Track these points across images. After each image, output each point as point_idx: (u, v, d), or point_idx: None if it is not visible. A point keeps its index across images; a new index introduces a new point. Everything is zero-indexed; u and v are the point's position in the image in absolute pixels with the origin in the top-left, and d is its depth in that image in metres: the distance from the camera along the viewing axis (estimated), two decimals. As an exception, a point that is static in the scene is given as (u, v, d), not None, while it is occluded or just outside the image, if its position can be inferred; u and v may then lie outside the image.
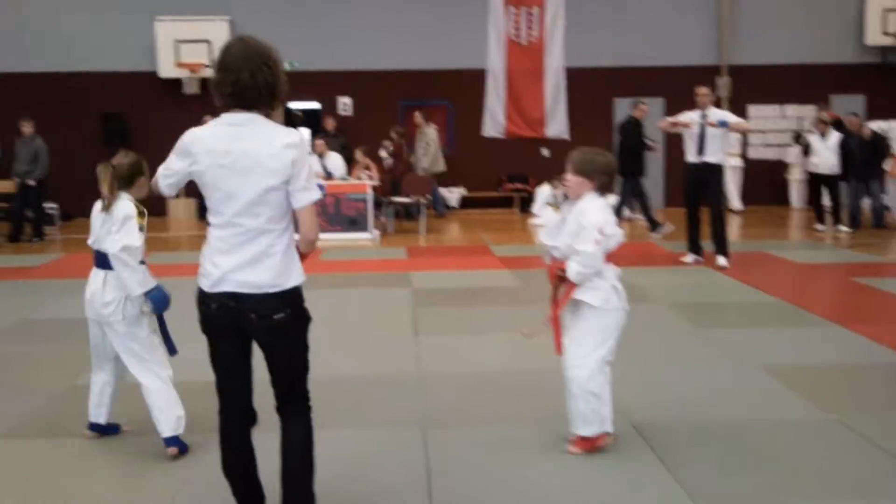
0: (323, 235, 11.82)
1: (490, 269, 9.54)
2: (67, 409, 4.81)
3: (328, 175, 12.86)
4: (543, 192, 14.57)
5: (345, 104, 16.07)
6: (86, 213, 14.49)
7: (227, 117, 3.01)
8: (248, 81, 2.95)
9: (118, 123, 15.38)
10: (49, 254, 11.36)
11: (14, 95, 14.78)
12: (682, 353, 5.97)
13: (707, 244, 9.48)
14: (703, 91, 9.28)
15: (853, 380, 5.34)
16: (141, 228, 4.01)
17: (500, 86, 16.27)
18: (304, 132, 15.70)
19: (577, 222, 4.04)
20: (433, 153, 14.72)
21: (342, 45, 15.79)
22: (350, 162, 13.66)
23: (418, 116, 15.03)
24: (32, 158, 12.17)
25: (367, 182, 12.76)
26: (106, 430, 4.36)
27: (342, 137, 15.20)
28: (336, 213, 12.35)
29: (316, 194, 3.04)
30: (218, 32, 15.38)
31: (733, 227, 13.13)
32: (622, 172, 10.78)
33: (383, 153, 14.34)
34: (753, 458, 4.07)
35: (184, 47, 15.30)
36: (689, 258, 9.54)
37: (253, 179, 2.93)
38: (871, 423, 4.44)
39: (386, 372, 5.52)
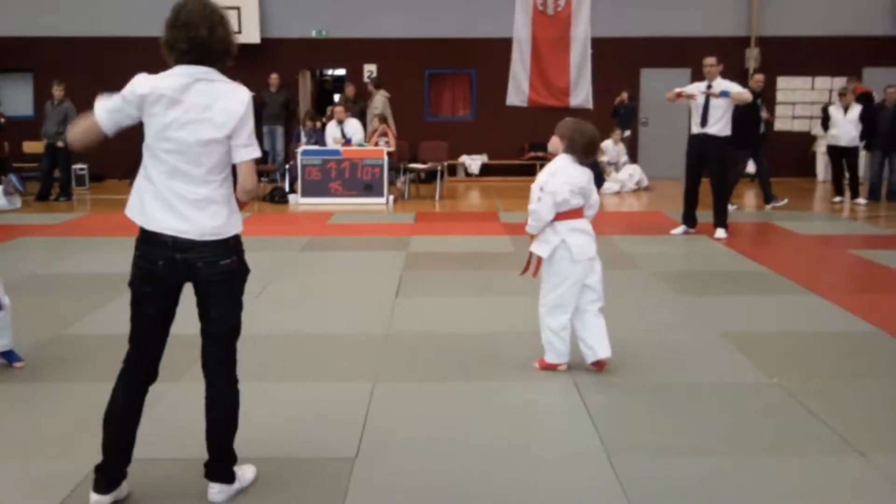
0: (337, 199, 12.31)
1: (491, 235, 9.70)
2: (54, 356, 5.12)
3: (346, 140, 13.08)
4: (562, 161, 14.59)
5: (370, 71, 16.22)
6: (114, 174, 15.02)
7: (180, 69, 3.06)
8: (206, 37, 3.03)
9: (149, 88, 15.75)
10: (73, 213, 11.79)
11: (49, 57, 15.25)
12: (647, 317, 6.09)
13: (707, 215, 9.52)
14: (709, 61, 9.25)
15: (809, 347, 5.43)
16: None
17: (525, 55, 16.28)
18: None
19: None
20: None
21: (369, 13, 15.92)
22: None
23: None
24: (61, 120, 12.56)
25: (383, 148, 12.95)
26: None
27: (362, 103, 15.38)
28: (352, 177, 12.58)
29: (256, 152, 3.16)
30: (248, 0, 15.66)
31: (750, 198, 13.09)
32: (740, 145, 10.41)
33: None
34: (674, 414, 4.22)
35: (213, 14, 15.55)
36: (679, 230, 9.59)
37: (197, 129, 3.03)
38: (808, 388, 4.54)
39: (353, 330, 5.73)
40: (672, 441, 3.90)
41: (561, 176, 4.68)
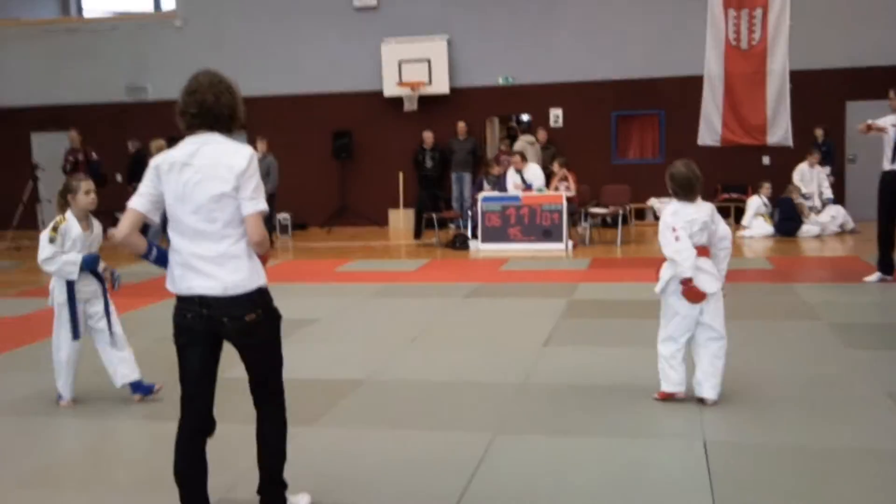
0: (516, 245, 12.37)
1: (662, 282, 9.36)
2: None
3: (527, 186, 13.16)
4: (753, 202, 13.88)
5: (556, 115, 16.28)
6: (317, 222, 15.99)
7: (190, 139, 3.34)
8: (212, 102, 3.31)
9: (346, 139, 16.68)
10: (273, 260, 12.61)
11: (255, 116, 16.52)
12: (808, 370, 5.65)
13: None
14: (893, 94, 8.55)
15: None
16: (51, 241, 5.13)
17: (717, 92, 15.66)
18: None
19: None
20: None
21: (554, 57, 16.03)
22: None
23: (517, 129, 14.98)
24: (265, 174, 13.54)
25: (563, 193, 12.90)
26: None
27: (552, 149, 15.43)
28: (531, 223, 12.62)
29: (261, 206, 3.28)
30: (438, 51, 16.27)
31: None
32: None
33: None
34: (810, 482, 3.87)
35: (405, 67, 16.29)
36: (874, 277, 8.79)
37: (207, 186, 3.24)
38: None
39: (490, 379, 5.71)
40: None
41: (675, 217, 4.90)
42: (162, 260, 3.55)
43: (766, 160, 15.57)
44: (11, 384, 5.94)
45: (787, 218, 13.36)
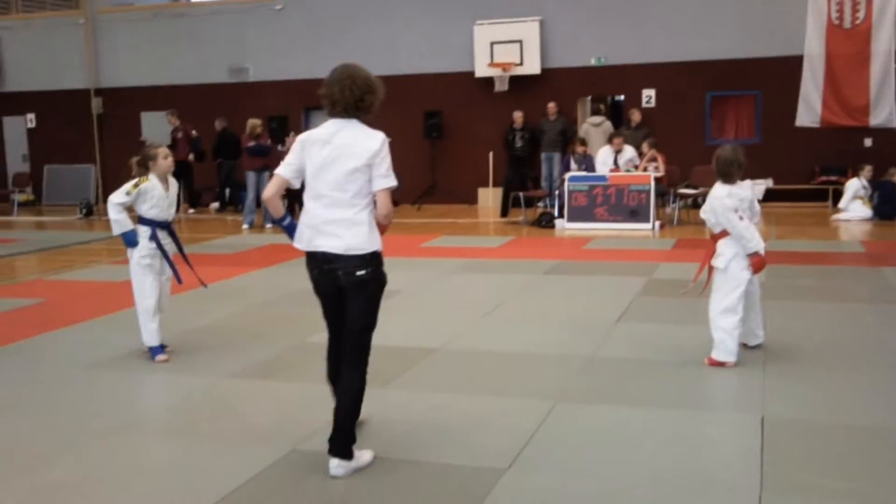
0: (602, 225, 12.41)
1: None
2: (288, 360, 5.84)
3: (617, 167, 13.14)
4: (853, 185, 13.44)
5: (648, 96, 16.11)
6: (408, 199, 16.33)
7: (331, 121, 3.88)
8: (339, 95, 3.81)
9: (437, 119, 16.92)
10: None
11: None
12: (883, 353, 5.59)
13: None
14: None
15: None
16: (127, 193, 5.70)
17: (817, 73, 15.27)
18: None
19: (709, 202, 5.42)
20: None
21: (647, 38, 15.85)
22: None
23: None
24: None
25: (651, 173, 12.83)
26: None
27: (646, 129, 15.30)
28: (618, 203, 12.61)
29: (391, 182, 3.83)
30: (530, 32, 16.31)
31: None
32: None
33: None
34: (858, 458, 3.90)
35: (497, 48, 16.38)
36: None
37: (343, 162, 3.79)
38: None
39: (559, 352, 5.86)
40: (837, 485, 3.63)
41: (731, 199, 5.30)
42: (291, 229, 4.06)
43: (867, 142, 15.09)
44: (114, 343, 6.38)
45: (887, 202, 12.93)
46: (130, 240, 5.78)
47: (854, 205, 13.21)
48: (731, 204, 5.26)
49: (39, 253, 11.68)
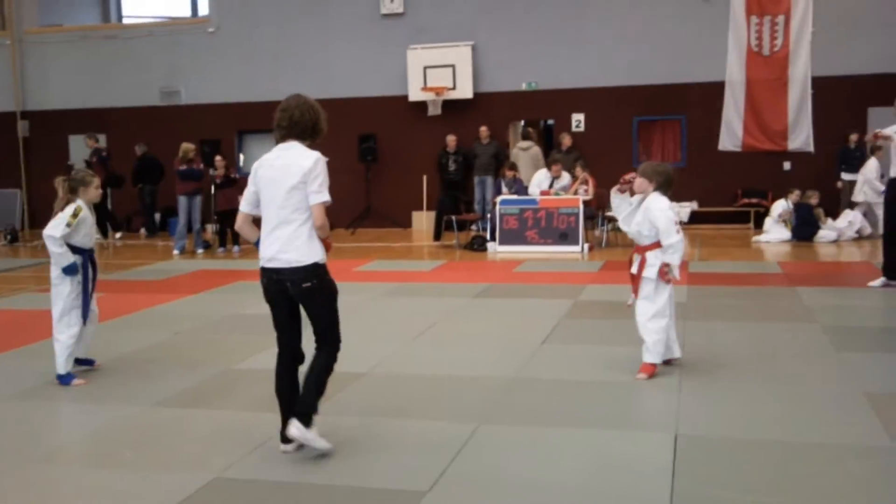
0: (533, 248, 12.61)
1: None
2: (214, 387, 5.83)
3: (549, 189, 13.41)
4: (778, 206, 13.88)
5: (577, 120, 16.47)
6: (342, 223, 16.28)
7: (280, 145, 4.36)
8: (298, 117, 4.31)
9: (371, 143, 17.02)
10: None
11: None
12: (790, 370, 5.84)
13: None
14: (899, 104, 8.67)
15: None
16: (68, 224, 5.77)
17: (738, 98, 15.77)
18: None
19: (644, 215, 5.62)
20: None
21: (576, 63, 16.24)
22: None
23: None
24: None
25: (581, 196, 13.11)
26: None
27: (576, 153, 15.63)
28: (548, 226, 12.84)
29: (324, 197, 4.23)
30: (463, 57, 16.56)
31: None
32: None
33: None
34: (769, 472, 4.08)
35: (430, 72, 16.60)
36: (878, 282, 8.89)
37: (282, 181, 4.23)
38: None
39: (483, 373, 5.96)
40: (746, 498, 3.79)
41: (671, 211, 5.62)
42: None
43: (786, 165, 15.66)
44: (34, 373, 6.29)
45: (804, 223, 13.42)
46: (74, 270, 5.85)
47: (775, 227, 13.66)
48: (673, 216, 5.56)
49: (-39, 280, 11.41)
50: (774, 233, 13.58)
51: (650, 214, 5.57)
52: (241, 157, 17.80)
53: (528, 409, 5.22)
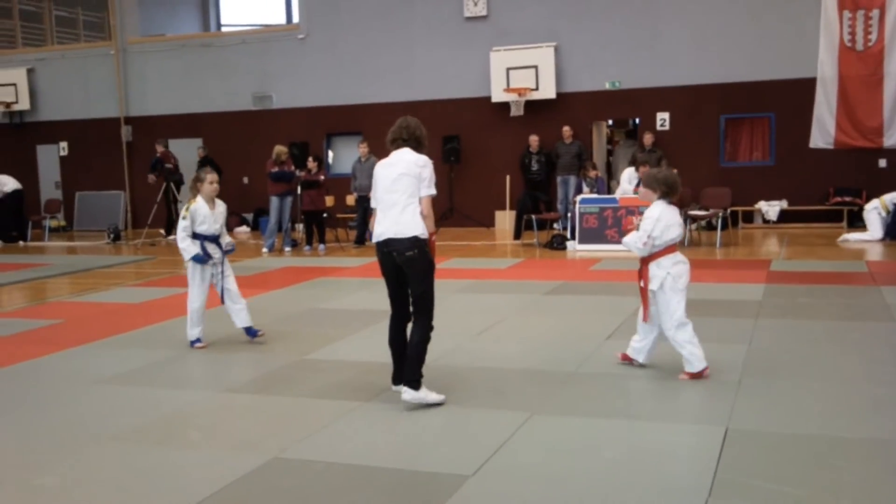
0: (612, 246, 12.57)
1: (745, 283, 9.42)
2: (283, 376, 6.11)
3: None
4: (871, 205, 13.41)
5: (662, 119, 16.30)
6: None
7: (393, 153, 5.31)
8: (414, 131, 5.33)
9: (455, 144, 17.23)
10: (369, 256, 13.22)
11: (370, 122, 17.11)
12: (858, 371, 5.74)
13: None
14: None
15: None
16: (183, 218, 6.84)
17: (830, 95, 15.37)
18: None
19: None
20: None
21: (661, 61, 16.07)
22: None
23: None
24: (370, 174, 14.16)
25: (661, 196, 12.97)
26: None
27: (659, 152, 15.49)
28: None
29: (431, 191, 5.19)
30: (545, 58, 16.60)
31: None
32: None
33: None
34: (810, 464, 4.07)
35: (513, 73, 16.70)
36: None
37: (395, 169, 5.20)
38: None
39: (545, 367, 6.06)
40: (785, 490, 3.80)
41: (664, 219, 5.56)
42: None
43: (882, 163, 15.15)
44: (127, 358, 6.71)
45: (899, 222, 12.97)
46: (201, 259, 6.88)
47: (871, 224, 13.20)
48: (651, 228, 5.61)
49: (67, 276, 12.11)
50: (869, 230, 13.13)
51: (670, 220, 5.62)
52: (331, 154, 18.31)
53: (582, 401, 5.29)
